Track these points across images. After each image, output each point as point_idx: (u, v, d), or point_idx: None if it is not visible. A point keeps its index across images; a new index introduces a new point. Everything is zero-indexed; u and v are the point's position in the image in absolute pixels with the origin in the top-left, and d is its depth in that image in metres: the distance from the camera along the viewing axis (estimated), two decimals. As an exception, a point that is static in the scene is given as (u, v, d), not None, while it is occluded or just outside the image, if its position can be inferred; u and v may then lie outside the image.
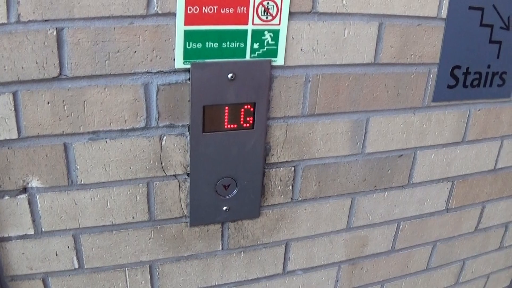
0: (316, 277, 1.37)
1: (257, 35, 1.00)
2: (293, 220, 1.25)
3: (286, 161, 1.17)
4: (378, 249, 1.42)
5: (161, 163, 1.05)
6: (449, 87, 1.26)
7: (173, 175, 1.07)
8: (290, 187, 1.20)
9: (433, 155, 1.33)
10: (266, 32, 1.01)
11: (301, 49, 1.06)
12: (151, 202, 1.08)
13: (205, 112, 1.03)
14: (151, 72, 0.96)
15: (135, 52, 0.93)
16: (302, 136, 1.15)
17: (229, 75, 1.01)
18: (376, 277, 1.47)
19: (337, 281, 1.41)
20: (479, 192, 1.48)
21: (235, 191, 1.14)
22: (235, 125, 1.06)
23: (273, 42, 1.02)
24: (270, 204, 1.20)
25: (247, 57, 1.02)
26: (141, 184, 1.05)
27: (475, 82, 1.28)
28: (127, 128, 0.99)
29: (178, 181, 1.08)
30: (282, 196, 1.20)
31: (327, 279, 1.39)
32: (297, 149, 1.16)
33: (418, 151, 1.31)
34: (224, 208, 1.15)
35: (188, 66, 0.98)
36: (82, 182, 1.00)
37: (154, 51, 0.95)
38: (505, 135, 1.42)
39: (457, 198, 1.45)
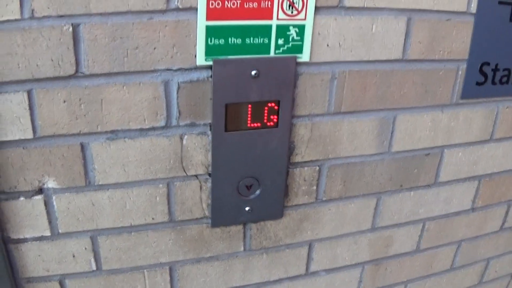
0: (339, 278, 1.29)
1: (282, 30, 0.92)
2: (317, 220, 1.16)
3: (311, 161, 1.08)
4: (403, 249, 1.33)
5: (182, 163, 0.97)
6: (478, 84, 1.16)
7: (194, 175, 0.99)
8: (315, 187, 1.12)
9: (460, 153, 1.24)
10: (291, 28, 0.92)
11: (327, 45, 0.97)
12: (172, 202, 1.00)
13: (227, 110, 0.95)
14: (171, 69, 0.88)
15: (154, 48, 0.85)
16: (328, 134, 1.07)
17: (253, 72, 0.93)
18: (400, 277, 1.38)
19: (360, 281, 1.32)
20: (505, 191, 1.38)
21: (258, 191, 1.06)
22: (259, 124, 0.98)
23: (299, 38, 0.94)
24: (293, 204, 1.12)
25: (272, 54, 0.93)
26: (161, 185, 0.98)
27: (504, 79, 1.19)
28: (147, 127, 0.91)
29: (199, 181, 1.00)
30: (306, 196, 1.12)
31: (350, 279, 1.31)
32: (322, 148, 1.08)
33: (445, 150, 1.22)
34: (247, 208, 1.07)
35: (210, 63, 0.90)
36: (99, 183, 0.93)
37: (174, 48, 0.87)
38: (534, 133, 1.32)
39: (483, 197, 1.36)
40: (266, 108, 0.97)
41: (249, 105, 0.96)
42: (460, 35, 1.08)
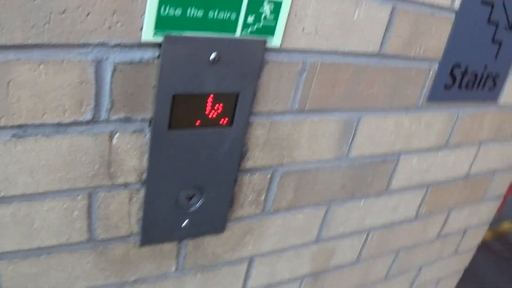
0: (275, 294, 1.10)
1: (254, 5, 0.69)
2: (261, 233, 0.96)
3: (263, 167, 0.87)
4: (344, 260, 1.17)
5: (109, 169, 0.72)
6: (446, 87, 1.01)
7: (123, 184, 0.74)
8: (263, 197, 0.91)
9: (415, 160, 1.09)
10: (265, 3, 0.70)
11: (303, 30, 0.76)
12: (93, 218, 0.74)
13: (174, 102, 0.71)
14: (107, 45, 0.62)
15: (88, 14, 0.59)
16: (286, 136, 0.86)
17: (212, 56, 0.70)
18: (336, 290, 1.23)
19: (297, 296, 1.15)
20: (448, 198, 1.27)
21: (199, 203, 0.83)
22: (211, 121, 0.75)
23: (272, 17, 0.72)
24: (237, 216, 0.91)
25: (237, 34, 0.71)
26: (80, 196, 0.71)
27: (470, 83, 1.05)
28: (67, 121, 0.65)
29: (129, 192, 0.76)
30: (253, 207, 0.91)
31: (286, 295, 1.13)
32: (277, 152, 0.87)
33: (401, 156, 1.06)
34: (184, 223, 0.84)
35: (159, 39, 0.65)
36: (1, 195, 0.65)
37: (115, 15, 0.61)
38: (483, 140, 1.21)
39: (428, 205, 1.23)
40: (222, 102, 0.75)
41: (203, 98, 0.73)
42: (439, 31, 0.92)
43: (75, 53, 0.61)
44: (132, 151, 0.72)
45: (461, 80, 1.02)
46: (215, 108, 0.74)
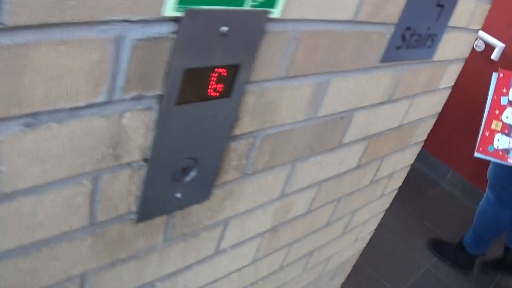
0: (240, 251, 1.10)
1: (264, -25, 0.66)
2: (238, 196, 0.95)
3: (249, 132, 0.85)
4: (298, 212, 1.20)
5: (116, 150, 0.66)
6: (397, 48, 1.05)
7: (128, 163, 0.69)
8: (244, 161, 0.90)
9: (365, 115, 1.13)
10: (274, -27, 0.67)
11: (298, 0, 0.74)
12: (95, 202, 0.68)
13: (185, 77, 0.66)
14: (129, 21, 0.56)
15: (114, -12, 0.52)
16: (272, 101, 0.84)
17: (223, 29, 0.65)
18: (288, 240, 1.26)
19: (258, 250, 1.16)
20: (383, 147, 1.34)
21: (192, 174, 0.80)
22: (213, 94, 0.72)
23: (277, -13, 0.69)
24: (221, 182, 0.89)
25: (245, 6, 0.67)
26: (85, 181, 0.65)
27: (415, 44, 1.10)
28: (82, 105, 0.58)
29: (132, 170, 0.70)
30: (235, 172, 0.90)
31: (249, 251, 1.13)
32: (262, 117, 0.85)
33: (355, 112, 1.09)
34: (177, 195, 0.80)
35: (179, 14, 0.60)
36: (6, 191, 0.57)
37: (141, -11, 0.54)
38: (416, 94, 1.28)
39: (367, 155, 1.29)
40: (224, 74, 0.71)
41: (209, 71, 0.69)
42: (399, -3, 0.94)
43: (97, 30, 0.54)
44: (139, 129, 0.66)
45: (409, 41, 1.07)
46: (219, 80, 0.71)
